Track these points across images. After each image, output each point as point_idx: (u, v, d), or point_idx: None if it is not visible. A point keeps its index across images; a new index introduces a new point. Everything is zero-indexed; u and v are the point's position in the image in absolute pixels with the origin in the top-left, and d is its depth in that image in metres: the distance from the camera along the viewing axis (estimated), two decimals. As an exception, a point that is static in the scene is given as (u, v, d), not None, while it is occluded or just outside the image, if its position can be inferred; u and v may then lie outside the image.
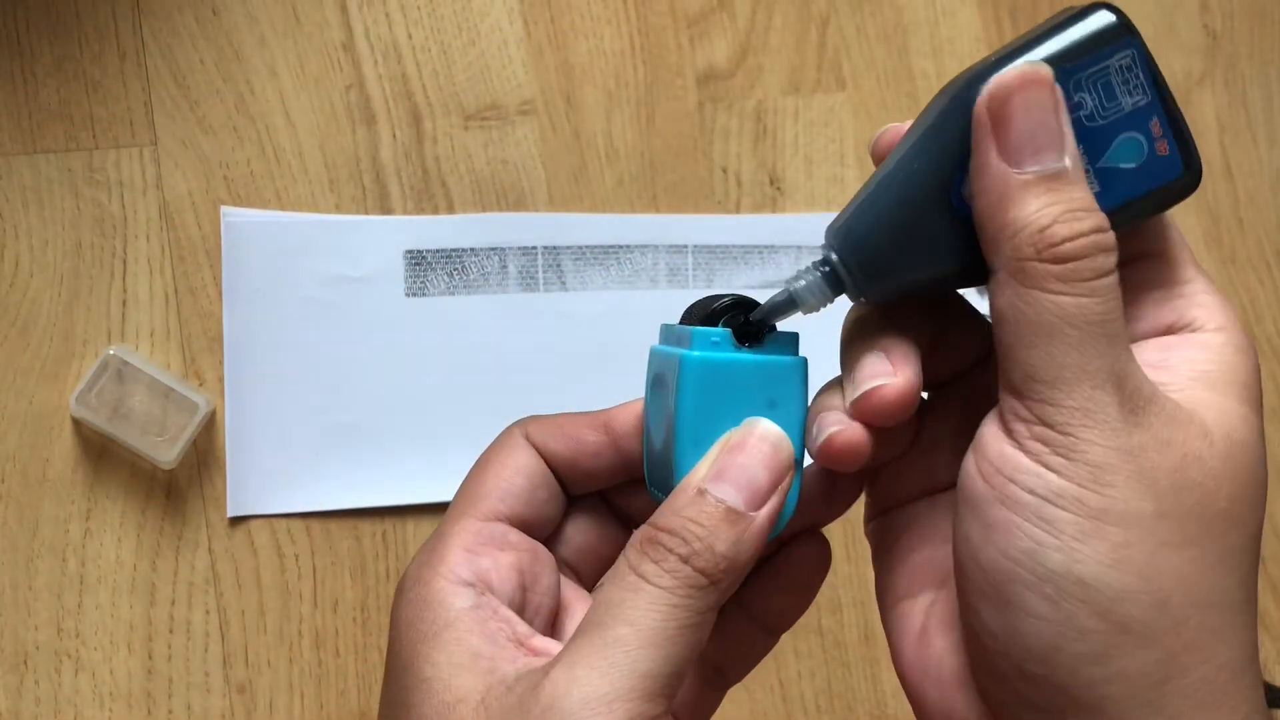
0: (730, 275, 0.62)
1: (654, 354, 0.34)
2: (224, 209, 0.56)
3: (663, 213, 0.61)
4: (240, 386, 0.56)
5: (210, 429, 0.56)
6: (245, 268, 0.56)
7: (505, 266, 0.59)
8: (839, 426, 0.31)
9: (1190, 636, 0.27)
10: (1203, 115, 0.68)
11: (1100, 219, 0.28)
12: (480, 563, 0.32)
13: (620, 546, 0.37)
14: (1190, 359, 0.30)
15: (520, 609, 0.32)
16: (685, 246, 0.61)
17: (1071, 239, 0.28)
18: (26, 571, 0.53)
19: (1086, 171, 0.29)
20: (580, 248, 0.60)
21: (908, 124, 0.31)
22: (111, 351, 0.54)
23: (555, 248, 0.60)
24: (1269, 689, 0.62)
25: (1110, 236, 0.28)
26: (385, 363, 0.58)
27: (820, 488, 0.35)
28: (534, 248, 0.60)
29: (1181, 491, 0.28)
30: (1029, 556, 0.28)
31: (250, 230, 0.57)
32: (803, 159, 0.63)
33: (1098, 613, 0.27)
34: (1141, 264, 0.31)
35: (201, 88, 0.57)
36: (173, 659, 0.54)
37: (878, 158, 0.32)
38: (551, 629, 0.34)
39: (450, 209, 0.59)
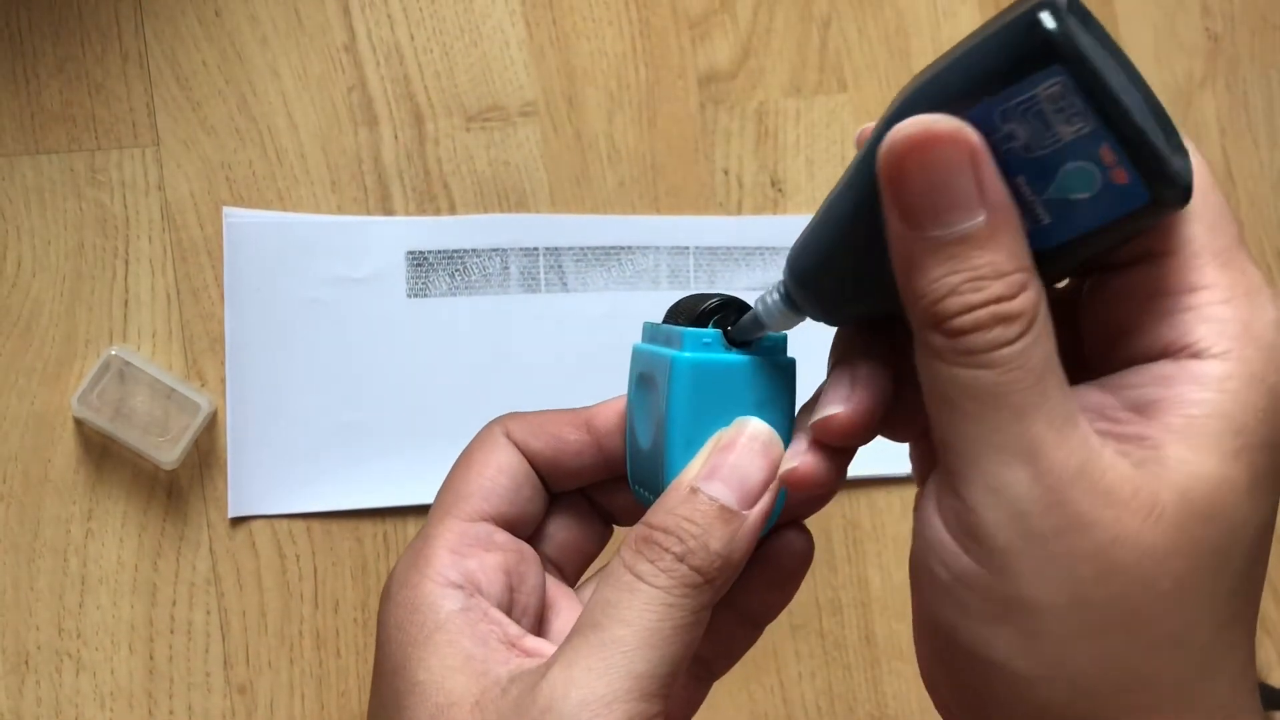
0: (732, 277, 0.62)
1: (638, 352, 0.34)
2: (226, 210, 0.57)
3: (664, 214, 0.61)
4: (242, 387, 0.56)
5: (212, 429, 0.56)
6: (247, 268, 0.56)
7: (507, 267, 0.59)
8: (794, 462, 0.30)
9: (1115, 715, 0.26)
10: (1204, 118, 0.68)
11: (1007, 285, 0.25)
12: (467, 564, 0.32)
13: (603, 543, 0.37)
14: (1180, 401, 0.26)
15: (508, 609, 0.32)
16: (687, 248, 0.61)
17: (963, 312, 0.25)
18: (28, 571, 0.54)
19: (1032, 203, 0.25)
20: (582, 249, 0.60)
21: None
22: (113, 352, 0.54)
23: (557, 249, 0.60)
24: (1267, 690, 0.62)
25: (1015, 304, 0.25)
26: (387, 363, 0.58)
27: None
28: (535, 249, 0.60)
29: (1107, 577, 0.25)
30: (949, 629, 0.27)
31: (252, 231, 0.57)
32: (804, 160, 0.63)
33: (1012, 692, 0.27)
34: (1147, 266, 0.27)
35: (204, 89, 0.57)
36: (174, 659, 0.54)
37: None
38: (539, 628, 0.34)
39: (452, 210, 0.59)
